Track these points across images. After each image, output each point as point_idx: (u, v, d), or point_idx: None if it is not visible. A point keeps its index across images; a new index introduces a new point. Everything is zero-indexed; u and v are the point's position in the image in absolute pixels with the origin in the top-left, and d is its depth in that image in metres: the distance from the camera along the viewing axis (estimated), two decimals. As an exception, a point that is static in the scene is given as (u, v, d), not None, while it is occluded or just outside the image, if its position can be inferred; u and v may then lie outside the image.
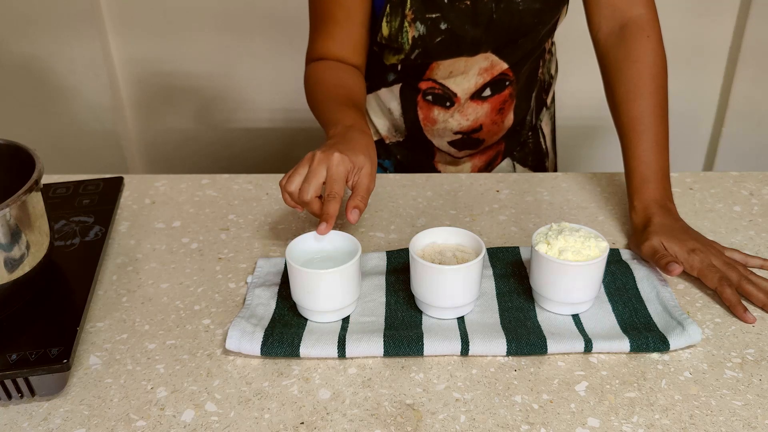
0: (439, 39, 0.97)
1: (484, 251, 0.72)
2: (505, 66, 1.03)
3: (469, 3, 0.95)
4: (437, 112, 1.06)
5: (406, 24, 0.95)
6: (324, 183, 0.77)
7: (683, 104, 2.01)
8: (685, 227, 0.83)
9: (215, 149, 2.13)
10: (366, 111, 1.12)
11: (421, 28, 0.96)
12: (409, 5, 0.95)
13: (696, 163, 2.15)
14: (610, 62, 0.95)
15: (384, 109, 1.10)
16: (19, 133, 1.38)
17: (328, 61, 0.98)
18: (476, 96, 1.04)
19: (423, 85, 1.04)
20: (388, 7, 0.96)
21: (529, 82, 1.09)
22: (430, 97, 1.05)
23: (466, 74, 1.02)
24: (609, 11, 0.96)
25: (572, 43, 1.44)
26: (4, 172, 0.74)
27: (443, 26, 0.96)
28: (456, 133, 1.08)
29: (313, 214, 0.78)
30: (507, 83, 1.05)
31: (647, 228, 0.83)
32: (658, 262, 0.78)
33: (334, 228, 0.90)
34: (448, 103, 1.05)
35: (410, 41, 0.97)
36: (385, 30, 0.97)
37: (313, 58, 1.00)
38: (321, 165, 0.77)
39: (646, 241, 0.81)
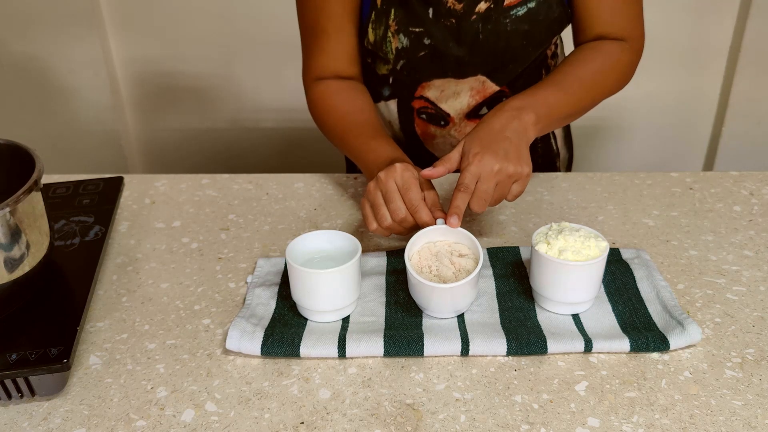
0: (422, 53, 0.96)
1: (482, 257, 0.72)
2: (497, 88, 1.02)
3: (453, 21, 0.93)
4: (434, 129, 1.06)
5: (390, 34, 0.95)
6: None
7: (683, 104, 2.01)
8: (504, 134, 0.79)
9: (215, 149, 2.13)
10: None
11: (405, 40, 0.95)
12: (392, 16, 0.94)
13: (696, 163, 2.15)
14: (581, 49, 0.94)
15: (384, 121, 1.10)
16: (19, 133, 1.38)
17: (328, 81, 0.97)
18: (472, 115, 1.03)
19: (416, 104, 1.04)
20: (373, 14, 0.95)
21: None
22: (424, 116, 1.05)
23: (457, 95, 1.01)
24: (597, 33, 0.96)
25: (572, 45, 1.44)
26: (4, 172, 0.74)
27: (426, 41, 0.95)
28: None
29: (409, 229, 0.78)
30: (503, 99, 1.03)
31: (480, 123, 0.80)
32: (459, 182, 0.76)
33: (335, 228, 0.90)
34: (442, 122, 1.04)
35: (394, 52, 0.96)
36: (371, 36, 0.97)
37: (311, 78, 0.99)
38: (389, 181, 0.78)
39: (466, 136, 0.79)
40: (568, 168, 1.24)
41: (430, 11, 0.93)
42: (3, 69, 1.96)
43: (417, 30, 0.94)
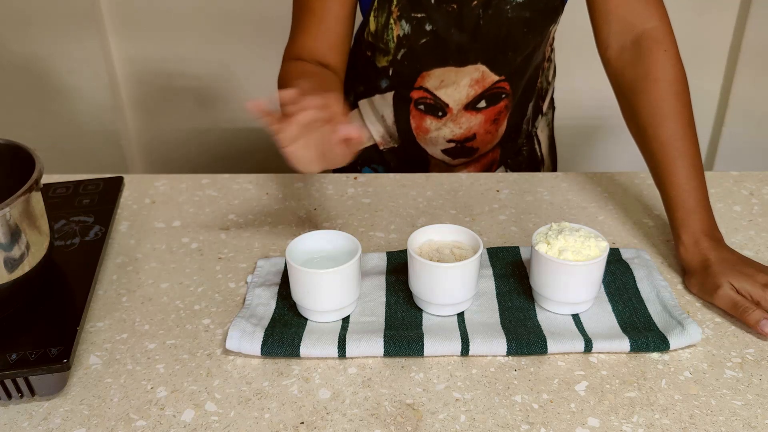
0: (424, 40, 0.96)
1: (481, 247, 0.72)
2: (496, 78, 1.02)
3: (455, 6, 0.93)
4: (429, 122, 1.05)
5: (392, 21, 0.95)
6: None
7: (683, 104, 2.01)
8: (741, 258, 0.78)
9: (215, 149, 2.13)
10: (360, 116, 1.12)
11: (406, 27, 0.95)
12: (395, 2, 0.94)
13: (696, 163, 2.14)
14: (628, 82, 0.88)
15: (377, 115, 1.10)
16: (19, 133, 1.37)
17: (303, 62, 0.94)
18: (470, 107, 1.03)
19: (415, 94, 1.04)
20: (376, 2, 0.95)
21: (526, 92, 1.08)
22: (422, 107, 1.04)
23: (457, 85, 1.01)
24: (619, 26, 0.89)
25: (572, 43, 1.44)
26: (4, 172, 0.74)
27: (428, 27, 0.95)
28: (449, 141, 1.08)
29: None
30: (503, 96, 1.04)
31: (709, 269, 0.76)
32: (744, 317, 0.72)
33: (335, 228, 0.90)
34: (440, 113, 1.04)
35: (395, 40, 0.96)
36: (372, 25, 0.96)
37: (289, 56, 0.96)
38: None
39: (718, 288, 0.74)
40: None
41: None
42: (3, 69, 1.96)
43: (419, 16, 0.94)
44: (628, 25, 0.89)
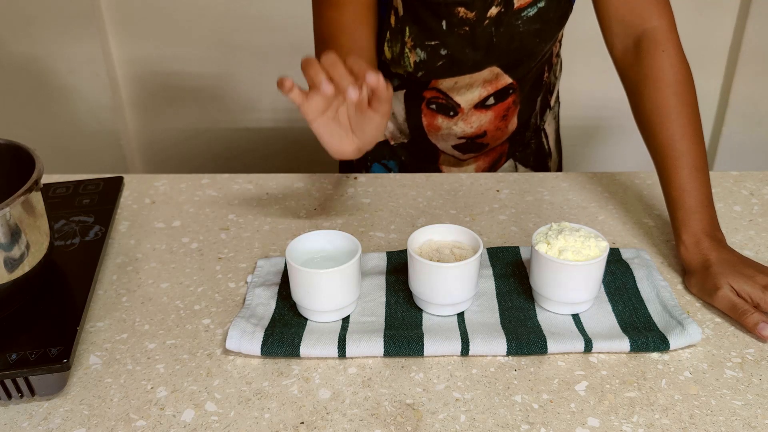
0: (440, 63, 0.96)
1: (481, 247, 0.72)
2: (509, 80, 1.03)
3: (468, 29, 0.94)
4: (441, 120, 1.06)
5: (407, 50, 0.95)
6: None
7: (683, 104, 2.01)
8: (742, 259, 0.77)
9: (215, 149, 2.13)
10: None
11: (422, 54, 0.95)
12: (408, 33, 0.94)
13: (696, 162, 2.14)
14: (631, 84, 0.89)
15: None
16: (19, 133, 1.38)
17: (338, 40, 0.88)
18: (480, 105, 1.04)
19: (427, 94, 1.04)
20: (388, 33, 0.95)
21: (534, 88, 1.09)
22: (434, 106, 1.05)
23: (470, 87, 1.02)
24: (621, 28, 0.90)
25: (576, 42, 1.44)
26: (4, 172, 0.74)
27: (443, 52, 0.95)
28: (460, 138, 1.08)
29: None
30: (511, 91, 1.05)
31: (709, 269, 0.76)
32: (743, 320, 0.72)
33: (335, 228, 0.90)
34: (451, 113, 1.05)
35: (412, 65, 0.97)
36: (387, 53, 0.97)
37: (320, 38, 0.90)
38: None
39: (717, 290, 0.74)
40: (558, 169, 1.24)
41: (444, 23, 0.93)
42: (3, 69, 1.96)
43: (433, 43, 0.94)
44: (630, 26, 0.90)
